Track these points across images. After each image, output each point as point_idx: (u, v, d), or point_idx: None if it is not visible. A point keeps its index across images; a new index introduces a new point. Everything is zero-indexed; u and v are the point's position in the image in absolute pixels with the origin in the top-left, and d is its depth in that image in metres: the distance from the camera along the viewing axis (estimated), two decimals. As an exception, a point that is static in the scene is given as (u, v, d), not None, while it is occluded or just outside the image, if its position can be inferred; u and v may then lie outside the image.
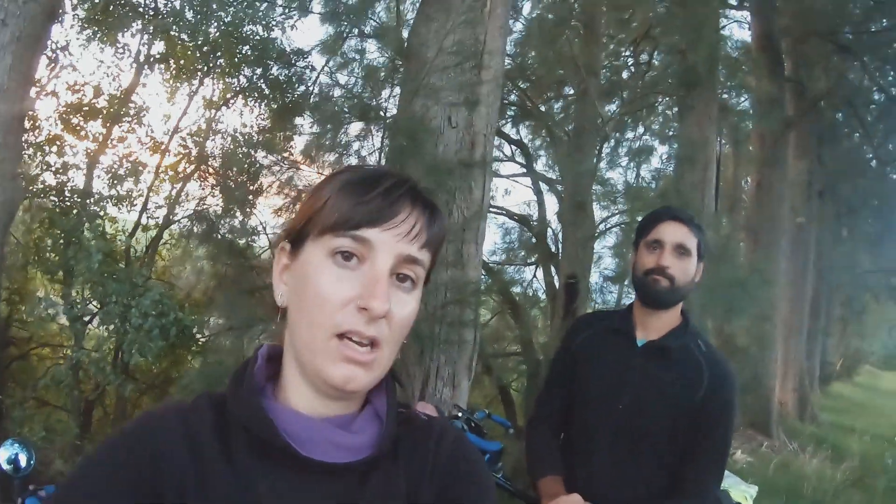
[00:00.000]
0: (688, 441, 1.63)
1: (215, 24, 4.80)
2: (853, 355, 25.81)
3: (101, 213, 4.43)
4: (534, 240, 5.81)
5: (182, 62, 5.20)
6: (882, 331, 30.27)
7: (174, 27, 4.78)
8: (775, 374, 9.40)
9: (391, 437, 0.74)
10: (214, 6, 4.62)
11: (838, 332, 21.61)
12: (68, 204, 4.39)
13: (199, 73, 5.33)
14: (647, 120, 6.06)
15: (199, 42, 4.79)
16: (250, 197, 4.76)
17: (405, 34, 3.78)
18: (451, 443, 0.79)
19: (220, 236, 4.27)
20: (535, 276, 6.15)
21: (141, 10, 4.88)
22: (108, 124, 4.77)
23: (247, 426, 0.69)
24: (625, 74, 6.40)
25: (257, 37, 5.13)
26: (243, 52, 5.15)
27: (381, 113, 3.97)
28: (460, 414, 2.75)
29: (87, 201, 4.39)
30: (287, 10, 5.19)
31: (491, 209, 6.03)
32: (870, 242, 16.70)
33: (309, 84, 5.21)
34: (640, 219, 1.85)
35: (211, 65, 5.24)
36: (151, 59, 5.08)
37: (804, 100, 9.64)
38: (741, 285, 4.47)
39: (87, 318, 4.19)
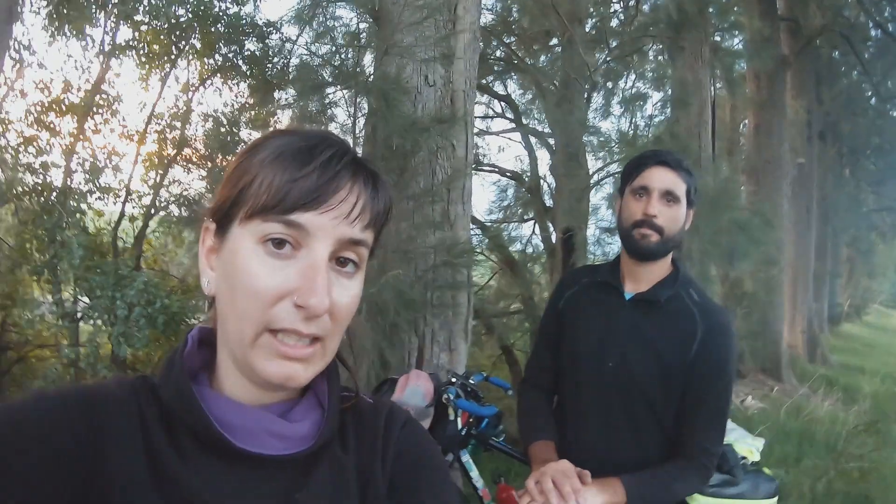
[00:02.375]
0: (685, 398, 1.53)
1: (181, 6, 4.66)
2: (862, 295, 25.87)
3: (83, 208, 4.35)
4: (528, 195, 5.72)
5: (154, 47, 5.07)
6: (889, 270, 30.30)
7: (139, 12, 4.64)
8: (783, 317, 9.41)
9: (334, 425, 0.68)
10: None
11: (845, 272, 21.65)
12: (50, 203, 4.32)
13: (171, 57, 5.19)
14: (639, 66, 5.91)
15: (170, 24, 4.65)
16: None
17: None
18: (401, 427, 0.74)
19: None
20: (532, 231, 6.08)
21: (101, -1, 4.74)
22: (81, 118, 4.67)
23: (178, 414, 0.62)
24: (613, 22, 6.24)
25: (229, 13, 4.99)
26: (216, 30, 5.01)
27: (362, 78, 3.86)
28: (454, 380, 2.70)
29: (67, 198, 4.31)
30: (256, -18, 5.04)
31: (483, 167, 5.97)
32: (873, 182, 16.58)
33: (287, 57, 5.09)
34: (625, 165, 1.73)
35: (183, 46, 5.10)
36: (119, 47, 4.95)
37: (799, 38, 9.46)
38: (743, 229, 4.38)
39: (77, 315, 4.15)
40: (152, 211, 4.82)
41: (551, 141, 5.40)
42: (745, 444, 1.84)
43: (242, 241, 0.61)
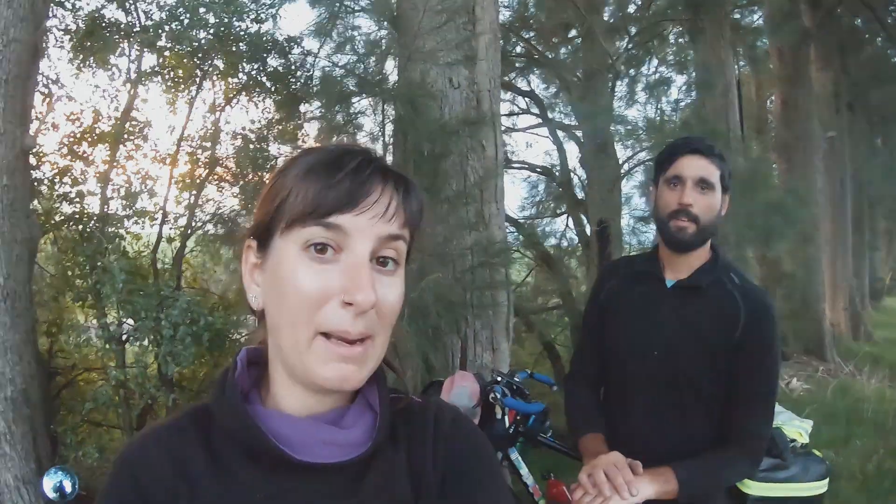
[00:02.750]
0: (731, 383, 1.53)
1: (203, 29, 4.76)
2: (904, 268, 25.12)
3: (121, 233, 4.47)
4: (560, 189, 5.70)
5: (179, 71, 5.19)
6: (931, 239, 29.37)
7: (161, 38, 4.76)
8: (824, 295, 9.23)
9: (386, 428, 0.70)
10: (202, 10, 4.57)
11: (885, 245, 21.07)
12: (88, 230, 4.45)
13: (196, 79, 5.30)
14: (660, 52, 5.85)
15: (192, 48, 4.76)
16: (267, 191, 4.76)
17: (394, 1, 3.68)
18: (450, 424, 0.76)
19: (243, 235, 4.30)
20: (567, 225, 6.05)
21: (123, 28, 4.86)
22: (113, 146, 4.80)
23: (234, 435, 0.65)
24: (631, 8, 6.17)
25: (250, 31, 5.07)
26: (238, 49, 5.10)
27: (387, 86, 3.91)
28: (500, 378, 2.72)
29: (105, 224, 4.43)
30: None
31: (513, 165, 5.97)
32: (907, 151, 16.09)
33: (309, 70, 5.16)
34: (658, 154, 1.73)
35: (207, 68, 5.21)
36: (145, 73, 5.07)
37: (819, 9, 9.23)
38: (778, 209, 4.32)
39: (123, 338, 4.26)
40: (189, 231, 4.92)
41: (579, 133, 5.38)
42: (794, 427, 1.83)
43: (286, 251, 0.63)
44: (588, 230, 5.04)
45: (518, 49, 5.85)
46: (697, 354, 1.54)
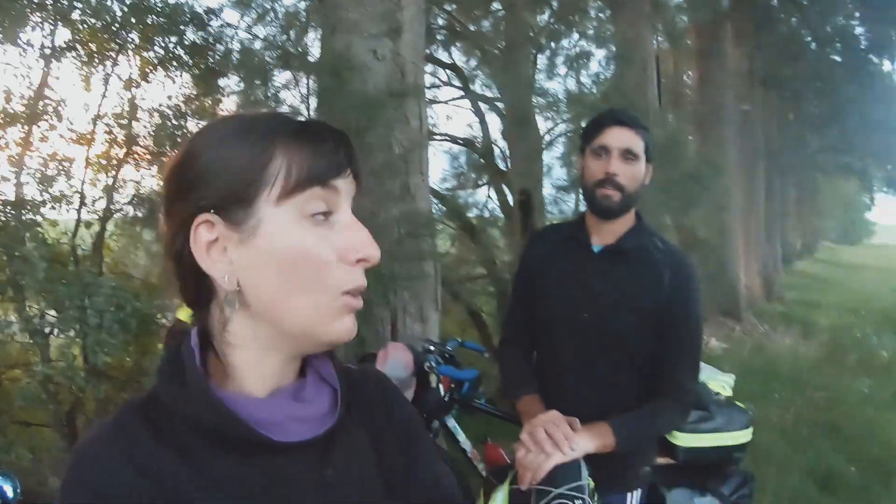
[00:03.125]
0: (659, 341, 1.62)
1: (118, 1, 4.51)
2: (812, 234, 26.87)
3: (39, 220, 4.22)
4: (482, 161, 5.76)
5: (92, 46, 4.90)
6: (836, 208, 31.49)
7: (76, 10, 4.47)
8: (739, 260, 9.70)
9: (346, 400, 0.71)
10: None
11: (794, 213, 22.41)
12: (3, 219, 4.17)
13: (111, 54, 5.02)
14: (581, 25, 5.96)
15: (107, 21, 4.50)
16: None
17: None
18: (392, 391, 0.80)
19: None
20: (489, 196, 6.14)
21: (36, 1, 4.54)
22: (26, 126, 4.51)
23: (203, 425, 0.62)
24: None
25: (168, 3, 4.84)
26: (154, 22, 4.87)
27: (307, 58, 3.83)
28: (432, 348, 2.77)
29: (21, 211, 4.16)
30: (190, -31, 4.89)
31: (435, 137, 5.97)
32: (816, 124, 17.09)
33: (228, 43, 4.99)
34: (584, 125, 1.79)
35: (122, 42, 4.94)
36: (58, 49, 4.76)
37: (739, -13, 9.60)
38: (694, 178, 4.53)
39: (46, 330, 4.04)
40: (108, 214, 4.70)
41: (500, 105, 5.44)
42: (717, 381, 1.95)
43: (281, 219, 0.62)
44: (510, 200, 5.13)
45: (440, 21, 5.83)
46: (626, 315, 1.61)
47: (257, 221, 0.62)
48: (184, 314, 0.65)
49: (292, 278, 0.62)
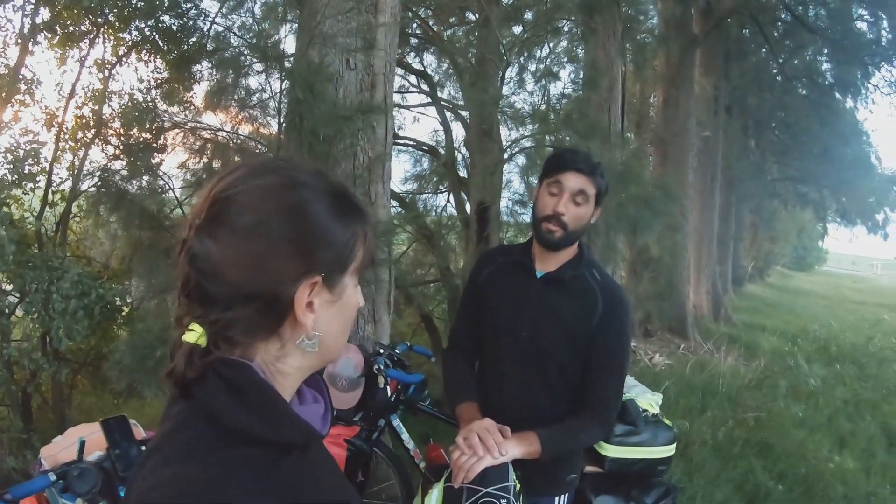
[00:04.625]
0: (588, 361, 1.78)
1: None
2: (765, 258, 27.67)
3: (7, 200, 4.18)
4: (443, 167, 5.84)
5: (70, 26, 4.86)
6: (791, 234, 32.47)
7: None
8: (689, 280, 9.98)
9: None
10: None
11: (749, 237, 23.05)
12: (-27, 199, 4.12)
13: (88, 35, 5.00)
14: (553, 42, 6.07)
15: (86, 2, 4.48)
16: (156, 154, 4.62)
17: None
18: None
19: (130, 200, 4.17)
20: (448, 201, 6.26)
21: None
22: (0, 106, 4.46)
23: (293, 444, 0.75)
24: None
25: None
26: (132, 4, 4.87)
27: (281, 52, 3.88)
28: (382, 350, 2.90)
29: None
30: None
31: (398, 140, 6.02)
32: (777, 153, 17.69)
33: (204, 30, 5.02)
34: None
35: (100, 22, 4.92)
36: (37, 28, 4.72)
37: (710, 18, 9.87)
38: (647, 202, 4.70)
39: (9, 311, 4.03)
40: (74, 194, 4.68)
41: (465, 114, 5.52)
42: (646, 399, 2.14)
43: (352, 284, 0.80)
44: (468, 209, 5.25)
45: (414, 26, 5.88)
46: (560, 337, 1.79)
47: (343, 287, 0.79)
48: (192, 337, 0.74)
49: (343, 323, 0.82)
